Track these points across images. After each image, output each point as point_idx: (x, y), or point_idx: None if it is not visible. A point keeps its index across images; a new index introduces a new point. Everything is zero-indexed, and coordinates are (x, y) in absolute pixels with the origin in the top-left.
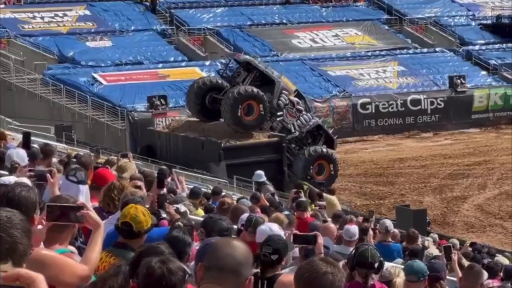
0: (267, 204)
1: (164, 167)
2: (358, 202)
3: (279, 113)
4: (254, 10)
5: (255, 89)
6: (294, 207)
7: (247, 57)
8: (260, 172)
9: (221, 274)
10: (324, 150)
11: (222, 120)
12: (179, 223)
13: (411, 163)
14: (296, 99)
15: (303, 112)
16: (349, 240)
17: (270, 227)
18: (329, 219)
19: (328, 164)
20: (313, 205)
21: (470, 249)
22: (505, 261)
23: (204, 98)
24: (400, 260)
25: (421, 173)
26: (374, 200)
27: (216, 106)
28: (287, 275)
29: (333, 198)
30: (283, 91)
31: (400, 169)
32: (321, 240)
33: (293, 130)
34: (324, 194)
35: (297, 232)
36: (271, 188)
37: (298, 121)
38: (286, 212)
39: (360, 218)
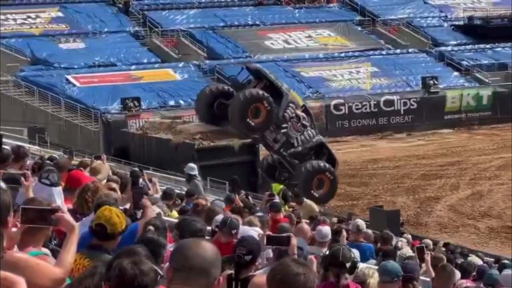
0: (241, 205)
1: (136, 168)
2: (331, 203)
3: (283, 125)
4: (227, 11)
5: (262, 92)
6: (267, 208)
7: (258, 65)
8: (192, 164)
9: (191, 275)
10: (326, 165)
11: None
12: (150, 227)
13: (384, 164)
14: (302, 114)
15: (308, 128)
16: (322, 241)
17: (254, 229)
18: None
19: (328, 179)
20: (286, 206)
21: (443, 249)
22: (478, 261)
23: (213, 105)
24: (373, 261)
25: (395, 174)
26: (347, 201)
27: (225, 112)
28: (260, 276)
29: (309, 201)
30: (290, 104)
31: (373, 170)
32: (294, 241)
33: (296, 144)
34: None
35: (270, 233)
36: (199, 183)
37: (302, 136)
38: (260, 214)
39: (335, 219)
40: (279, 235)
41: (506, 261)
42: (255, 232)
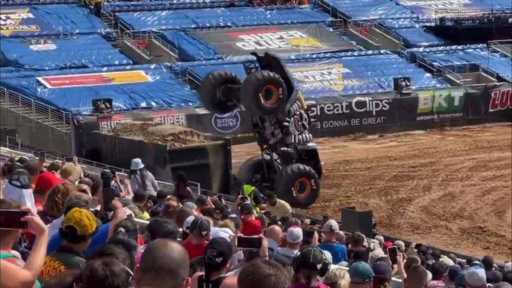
0: (213, 206)
1: (107, 170)
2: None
3: (286, 119)
4: (198, 13)
5: (273, 74)
6: (239, 210)
7: (276, 54)
8: (137, 160)
9: (158, 275)
10: (306, 168)
11: (242, 107)
12: (121, 228)
13: (356, 165)
14: (305, 114)
15: (306, 131)
16: (293, 242)
17: (225, 231)
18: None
19: (309, 181)
20: (257, 208)
21: (415, 250)
22: (449, 262)
23: (217, 91)
24: (345, 262)
25: (367, 175)
26: (320, 202)
27: (229, 97)
28: (231, 277)
29: (283, 202)
30: (297, 101)
31: (345, 171)
32: (265, 243)
33: (291, 142)
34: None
35: (242, 235)
36: (150, 174)
37: (300, 136)
38: (234, 215)
39: (308, 221)
40: (250, 236)
41: (477, 262)
42: (226, 233)
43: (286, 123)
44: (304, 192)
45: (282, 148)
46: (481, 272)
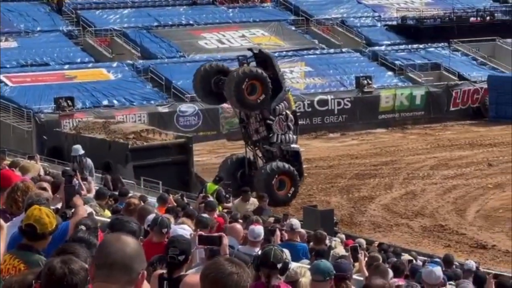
0: (175, 204)
1: (68, 168)
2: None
3: (271, 117)
4: (160, 11)
5: (259, 69)
6: (202, 208)
7: (270, 53)
8: (77, 146)
9: (112, 271)
10: (286, 166)
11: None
12: (82, 226)
13: (318, 164)
14: (291, 116)
15: (291, 132)
16: (254, 240)
17: (182, 227)
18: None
19: (289, 179)
20: (220, 207)
21: (377, 248)
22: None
23: (210, 82)
24: (306, 261)
25: (329, 174)
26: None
27: (222, 89)
28: (193, 275)
29: (255, 200)
30: (284, 102)
31: (307, 170)
32: (226, 241)
33: (274, 141)
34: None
35: (202, 233)
36: (89, 161)
37: (283, 136)
38: (206, 215)
39: (272, 219)
40: (211, 234)
41: (437, 260)
42: (185, 231)
43: (270, 122)
44: (283, 190)
45: (265, 146)
46: (438, 270)
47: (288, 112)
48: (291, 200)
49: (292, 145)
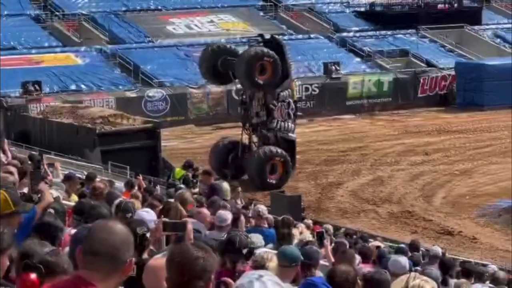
0: (144, 186)
1: (34, 153)
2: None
3: (274, 103)
4: None
5: (267, 50)
6: (170, 193)
7: (281, 40)
8: None
9: (96, 260)
10: (279, 150)
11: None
12: (51, 210)
13: None
14: (293, 104)
15: (290, 120)
16: (220, 225)
17: (146, 210)
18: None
19: (281, 164)
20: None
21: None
22: (379, 245)
23: (217, 62)
24: (271, 245)
25: (297, 159)
26: (249, 186)
27: (228, 69)
28: (158, 259)
29: (226, 185)
30: (289, 90)
31: None
32: (190, 226)
33: (273, 127)
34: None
35: (167, 219)
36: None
37: (283, 123)
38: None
39: (240, 205)
40: (175, 221)
41: (402, 245)
42: (150, 215)
43: (273, 107)
44: (275, 174)
45: (263, 131)
46: (404, 260)
47: (290, 100)
48: (283, 185)
49: (290, 134)
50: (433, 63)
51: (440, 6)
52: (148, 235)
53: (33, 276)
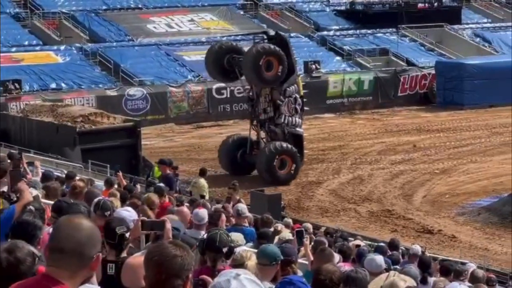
0: (125, 184)
1: (14, 151)
2: (213, 188)
3: (281, 98)
4: None
5: (276, 47)
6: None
7: (285, 36)
8: None
9: (62, 257)
10: (288, 146)
11: (243, 77)
12: (31, 207)
13: None
14: (300, 99)
15: (297, 115)
16: (199, 223)
17: (127, 209)
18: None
19: (290, 159)
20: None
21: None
22: (360, 244)
23: (223, 60)
24: (251, 244)
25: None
26: (229, 185)
27: (234, 67)
28: (136, 257)
29: (202, 181)
30: (295, 85)
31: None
32: (169, 225)
33: (280, 122)
34: (196, 179)
35: (145, 218)
36: None
37: (290, 118)
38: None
39: (220, 205)
40: (154, 219)
41: (382, 244)
42: (130, 213)
43: (280, 102)
44: (284, 169)
45: (271, 126)
46: (379, 259)
47: (297, 95)
48: (293, 179)
49: (297, 129)
50: (413, 62)
51: (420, 5)
52: (127, 234)
53: None
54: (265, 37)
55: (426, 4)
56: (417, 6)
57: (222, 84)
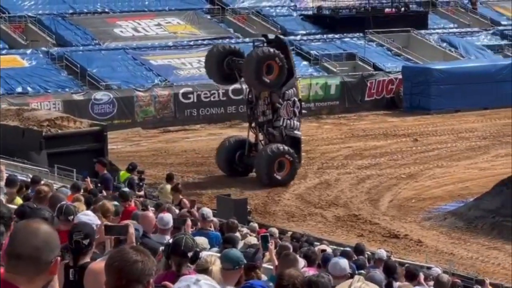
0: (91, 187)
1: None
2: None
3: (280, 101)
4: None
5: (275, 50)
6: (116, 197)
7: (285, 40)
8: None
9: (19, 263)
10: (286, 148)
11: (242, 80)
12: None
13: None
14: (298, 103)
15: (296, 118)
16: (163, 228)
17: (86, 214)
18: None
19: (289, 162)
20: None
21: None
22: (327, 249)
23: (222, 63)
24: (216, 249)
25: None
26: (196, 189)
27: (234, 69)
28: (98, 262)
29: (169, 187)
30: (294, 88)
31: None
32: (132, 230)
33: (279, 125)
34: (162, 185)
35: (108, 223)
36: None
37: (289, 121)
38: (115, 203)
39: (185, 210)
40: (117, 224)
41: (347, 249)
42: (90, 217)
43: (279, 105)
44: (283, 171)
45: (269, 129)
46: (344, 262)
47: (296, 99)
48: (290, 181)
49: (295, 131)
50: (380, 66)
51: (387, 10)
52: (85, 242)
53: None
54: (265, 40)
55: (393, 9)
56: (384, 11)
57: (189, 89)
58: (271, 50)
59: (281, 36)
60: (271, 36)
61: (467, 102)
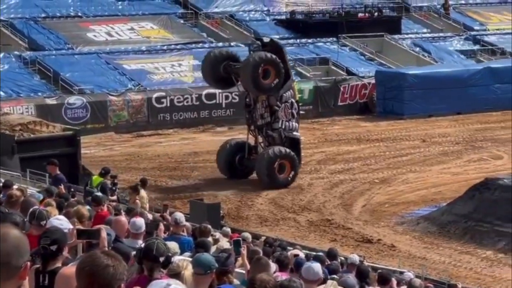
0: (64, 192)
1: None
2: (152, 196)
3: (278, 104)
4: (48, 2)
5: (273, 55)
6: (89, 201)
7: (280, 43)
8: None
9: None
10: (287, 150)
11: (239, 83)
12: None
13: (205, 157)
14: (295, 104)
15: (294, 120)
16: (136, 232)
17: (58, 218)
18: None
19: (289, 163)
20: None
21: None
22: (300, 254)
23: (219, 67)
24: (188, 253)
25: (216, 167)
26: (169, 193)
27: (230, 74)
28: (69, 267)
29: (142, 192)
30: (291, 90)
31: (194, 163)
32: (104, 234)
33: (278, 127)
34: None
35: (81, 227)
36: None
37: (287, 123)
38: (87, 207)
39: (157, 214)
40: (89, 228)
41: (320, 254)
42: (61, 222)
43: (277, 108)
44: (283, 173)
45: (268, 131)
46: (317, 267)
47: (293, 100)
48: (291, 183)
49: (294, 133)
50: (353, 71)
51: (360, 15)
52: (53, 247)
53: None
54: (260, 44)
55: (366, 14)
56: (357, 16)
57: (162, 93)
58: (268, 54)
59: (276, 40)
60: (266, 40)
61: (440, 107)
